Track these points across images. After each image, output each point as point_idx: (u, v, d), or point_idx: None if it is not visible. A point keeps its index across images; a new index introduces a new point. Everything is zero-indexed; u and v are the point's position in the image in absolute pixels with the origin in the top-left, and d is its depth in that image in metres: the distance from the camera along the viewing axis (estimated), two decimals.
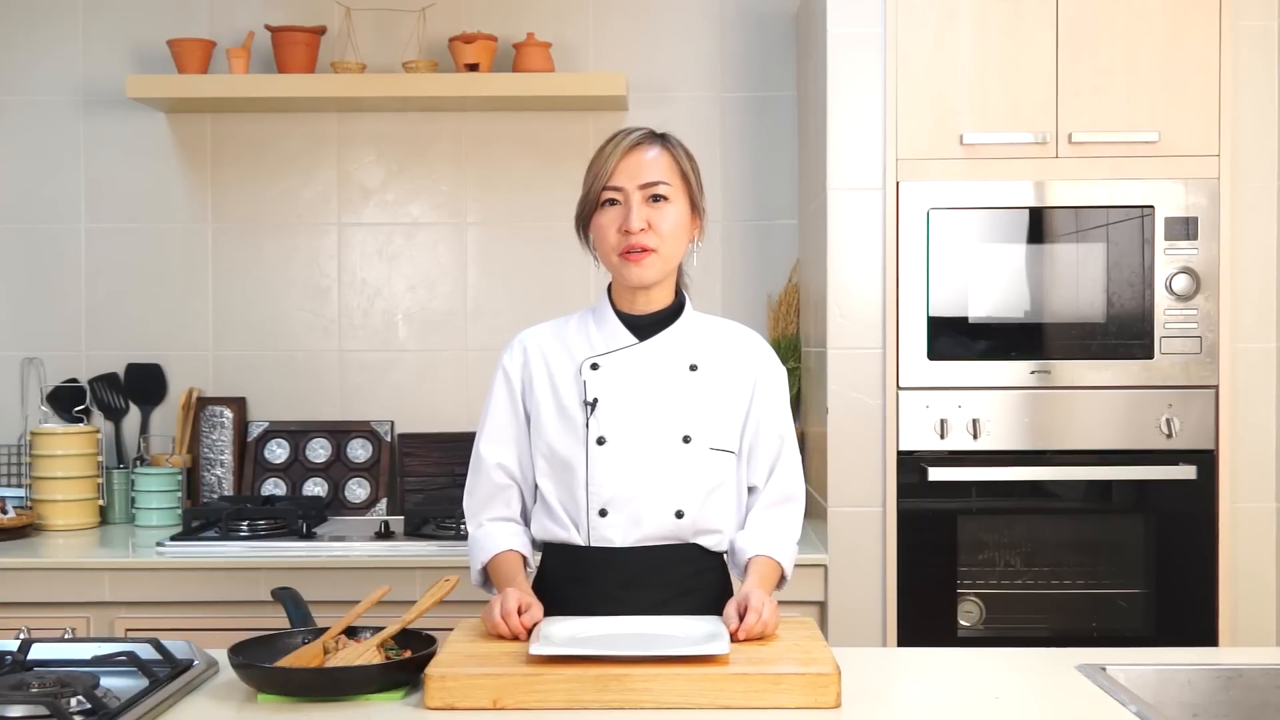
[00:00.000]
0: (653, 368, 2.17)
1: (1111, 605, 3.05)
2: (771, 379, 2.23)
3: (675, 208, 2.14)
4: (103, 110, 3.66)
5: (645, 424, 2.14)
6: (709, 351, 2.20)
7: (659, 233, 2.11)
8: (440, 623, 2.07)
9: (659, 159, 2.14)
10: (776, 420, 2.23)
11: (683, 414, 2.15)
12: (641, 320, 2.19)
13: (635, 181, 2.11)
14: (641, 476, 2.13)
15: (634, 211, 2.10)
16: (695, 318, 2.25)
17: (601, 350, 2.18)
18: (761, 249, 3.66)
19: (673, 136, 2.21)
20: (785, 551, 2.19)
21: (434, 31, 3.60)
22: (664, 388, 2.16)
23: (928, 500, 2.98)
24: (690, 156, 2.20)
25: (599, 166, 2.14)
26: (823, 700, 1.77)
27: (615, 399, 2.15)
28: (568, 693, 1.76)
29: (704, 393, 2.17)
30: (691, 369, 2.18)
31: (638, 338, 2.18)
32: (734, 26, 3.66)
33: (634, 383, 2.16)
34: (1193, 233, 2.97)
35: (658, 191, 2.12)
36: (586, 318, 2.24)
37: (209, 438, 3.61)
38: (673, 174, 2.14)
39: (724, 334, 2.25)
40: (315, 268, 3.70)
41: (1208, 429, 2.98)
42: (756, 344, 2.26)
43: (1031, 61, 2.97)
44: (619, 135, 2.17)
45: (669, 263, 2.15)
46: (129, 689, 1.82)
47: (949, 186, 2.98)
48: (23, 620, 2.42)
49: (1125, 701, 1.83)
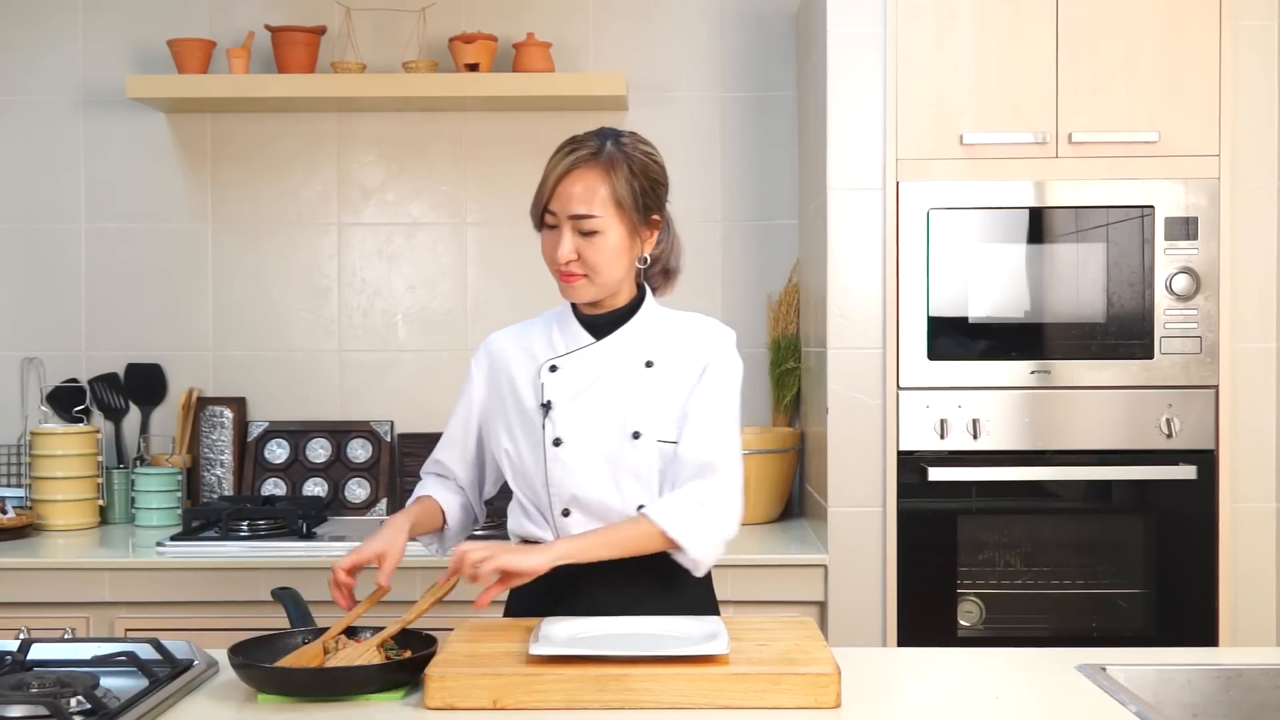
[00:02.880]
0: (608, 366, 2.16)
1: (1111, 605, 3.05)
2: (717, 363, 2.17)
3: (606, 237, 2.09)
4: (103, 110, 3.66)
5: (598, 423, 2.13)
6: (666, 346, 2.18)
7: (587, 263, 2.09)
8: (440, 623, 2.07)
9: (594, 187, 2.08)
10: (705, 392, 2.14)
11: (634, 411, 2.13)
12: (599, 319, 2.18)
13: (566, 212, 2.08)
14: (598, 476, 2.13)
15: (563, 242, 2.09)
16: (657, 313, 2.21)
17: (561, 351, 2.19)
18: (761, 249, 3.66)
19: (626, 145, 2.13)
20: (671, 515, 2.05)
21: (434, 31, 3.60)
22: (618, 386, 2.15)
23: (928, 500, 2.98)
24: (643, 171, 2.12)
25: (542, 182, 2.12)
26: (823, 700, 1.77)
27: (570, 400, 2.15)
28: (568, 693, 1.76)
29: (657, 388, 2.15)
30: (647, 365, 2.16)
31: (595, 337, 2.18)
32: (734, 26, 3.66)
33: (589, 383, 2.16)
34: (1193, 233, 2.97)
35: (586, 227, 2.08)
36: (552, 319, 2.24)
37: (209, 438, 3.61)
38: (606, 203, 2.08)
39: (683, 327, 2.21)
40: (315, 268, 3.70)
41: (1208, 429, 2.98)
42: (712, 334, 2.20)
43: (1031, 61, 2.97)
44: (565, 149, 2.11)
45: (605, 287, 2.13)
46: (129, 689, 1.82)
47: (949, 186, 2.98)
48: (23, 620, 2.42)
49: (1125, 701, 1.83)
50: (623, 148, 2.12)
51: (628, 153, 2.12)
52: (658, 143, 2.19)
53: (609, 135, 2.14)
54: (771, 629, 2.00)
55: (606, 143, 2.12)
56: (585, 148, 2.11)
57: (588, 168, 2.09)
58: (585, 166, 2.09)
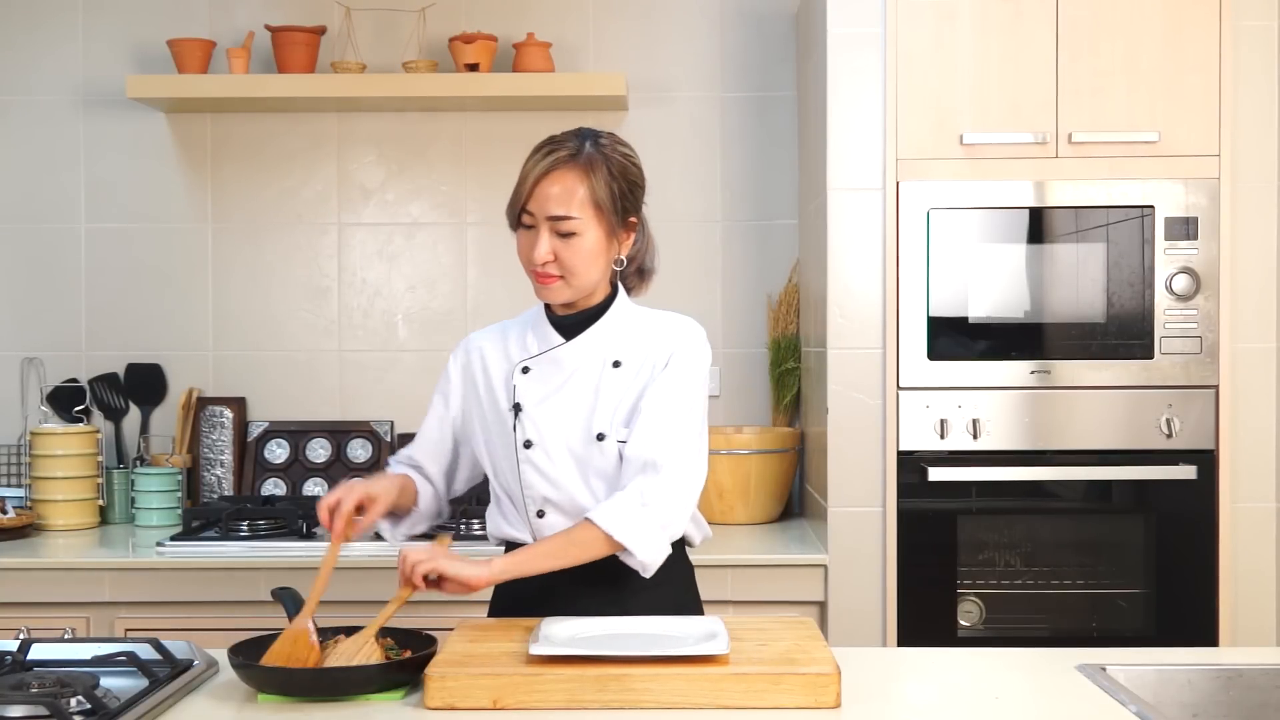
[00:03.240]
0: (577, 367, 2.15)
1: (1111, 605, 3.05)
2: (677, 356, 2.12)
3: (584, 239, 2.08)
4: (103, 110, 3.66)
5: (566, 425, 2.12)
6: (634, 345, 2.16)
7: (564, 264, 2.08)
8: (440, 623, 2.07)
9: (573, 188, 2.06)
10: (660, 387, 2.10)
11: (599, 412, 2.12)
12: (570, 320, 2.17)
13: (544, 213, 2.07)
14: (568, 478, 2.12)
15: (540, 243, 2.08)
16: (629, 313, 2.19)
17: (534, 352, 2.18)
18: (761, 249, 3.66)
19: (605, 146, 2.11)
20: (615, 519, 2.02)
21: (434, 31, 3.60)
22: (585, 387, 2.14)
23: (928, 500, 2.98)
24: (622, 172, 2.11)
25: (519, 182, 2.10)
26: (823, 700, 1.77)
27: (540, 403, 2.14)
28: (568, 693, 1.76)
29: (623, 388, 2.13)
30: (614, 365, 2.14)
31: (566, 338, 2.17)
32: (734, 26, 3.66)
33: (558, 384, 2.15)
34: (1193, 233, 2.97)
35: (564, 228, 2.07)
36: (528, 320, 2.23)
37: (209, 438, 3.61)
38: (585, 205, 2.07)
39: (652, 326, 2.18)
40: (315, 268, 3.70)
41: (1208, 429, 2.98)
42: (679, 330, 2.16)
43: (1031, 61, 2.97)
44: (543, 149, 2.10)
45: (580, 289, 2.12)
46: (129, 689, 1.82)
47: (949, 186, 2.98)
48: (23, 620, 2.41)
49: (1125, 701, 1.83)
50: (601, 149, 2.11)
51: (607, 154, 2.11)
52: (658, 142, 2.19)
53: (588, 136, 2.12)
54: (771, 629, 2.00)
55: (585, 143, 2.10)
56: (564, 148, 2.09)
57: (567, 169, 2.08)
58: (564, 167, 2.07)
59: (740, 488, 3.33)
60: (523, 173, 2.10)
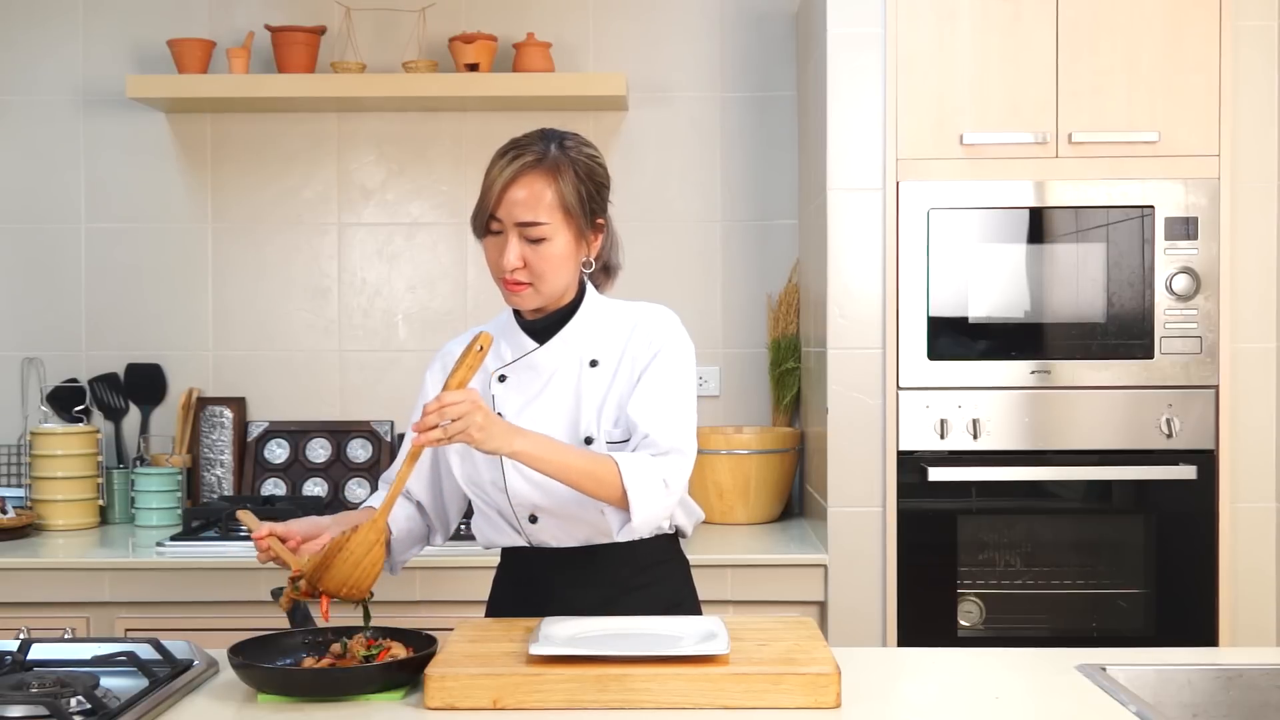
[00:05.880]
0: (554, 370, 2.13)
1: (1111, 605, 3.05)
2: (668, 348, 2.11)
3: (553, 244, 2.05)
4: (103, 110, 3.66)
5: (549, 430, 2.07)
6: (610, 342, 2.13)
7: (534, 271, 2.05)
8: (440, 623, 2.07)
9: (540, 193, 2.03)
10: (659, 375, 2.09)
11: (583, 414, 2.10)
12: (541, 324, 2.14)
13: (512, 219, 2.03)
14: (556, 485, 2.05)
15: (509, 250, 2.04)
16: (599, 308, 2.16)
17: (508, 360, 2.15)
18: (761, 249, 3.66)
19: (570, 148, 2.08)
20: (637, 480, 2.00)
21: (434, 31, 3.60)
22: (565, 390, 2.12)
23: (928, 500, 2.98)
24: (589, 174, 2.08)
25: (485, 189, 2.06)
26: (823, 700, 1.76)
27: (520, 411, 2.11)
28: (568, 693, 1.76)
29: (604, 387, 2.11)
30: (592, 364, 2.12)
31: (538, 341, 2.14)
32: (734, 26, 3.66)
33: (537, 390, 2.12)
34: (1193, 233, 2.97)
35: (533, 234, 2.04)
36: (499, 326, 2.18)
37: (209, 438, 3.61)
38: (554, 209, 2.04)
39: (626, 319, 2.15)
40: (315, 268, 3.70)
41: (1208, 429, 2.98)
42: (659, 322, 2.14)
43: (1031, 61, 2.97)
44: (508, 154, 2.06)
45: (550, 294, 2.09)
46: (129, 689, 1.82)
47: (949, 186, 2.98)
48: (23, 620, 2.42)
49: (1125, 701, 1.83)
50: (567, 151, 2.07)
51: (573, 156, 2.08)
52: (658, 143, 2.18)
53: (552, 138, 2.09)
54: (771, 629, 2.00)
55: (550, 146, 2.07)
56: (530, 152, 2.05)
57: (534, 173, 2.04)
58: (531, 172, 2.04)
59: (740, 488, 3.34)
60: (488, 179, 2.06)
